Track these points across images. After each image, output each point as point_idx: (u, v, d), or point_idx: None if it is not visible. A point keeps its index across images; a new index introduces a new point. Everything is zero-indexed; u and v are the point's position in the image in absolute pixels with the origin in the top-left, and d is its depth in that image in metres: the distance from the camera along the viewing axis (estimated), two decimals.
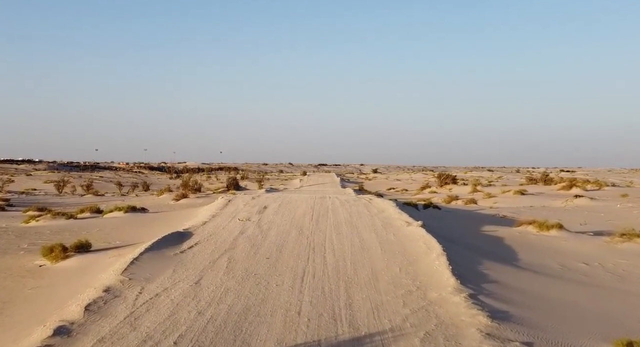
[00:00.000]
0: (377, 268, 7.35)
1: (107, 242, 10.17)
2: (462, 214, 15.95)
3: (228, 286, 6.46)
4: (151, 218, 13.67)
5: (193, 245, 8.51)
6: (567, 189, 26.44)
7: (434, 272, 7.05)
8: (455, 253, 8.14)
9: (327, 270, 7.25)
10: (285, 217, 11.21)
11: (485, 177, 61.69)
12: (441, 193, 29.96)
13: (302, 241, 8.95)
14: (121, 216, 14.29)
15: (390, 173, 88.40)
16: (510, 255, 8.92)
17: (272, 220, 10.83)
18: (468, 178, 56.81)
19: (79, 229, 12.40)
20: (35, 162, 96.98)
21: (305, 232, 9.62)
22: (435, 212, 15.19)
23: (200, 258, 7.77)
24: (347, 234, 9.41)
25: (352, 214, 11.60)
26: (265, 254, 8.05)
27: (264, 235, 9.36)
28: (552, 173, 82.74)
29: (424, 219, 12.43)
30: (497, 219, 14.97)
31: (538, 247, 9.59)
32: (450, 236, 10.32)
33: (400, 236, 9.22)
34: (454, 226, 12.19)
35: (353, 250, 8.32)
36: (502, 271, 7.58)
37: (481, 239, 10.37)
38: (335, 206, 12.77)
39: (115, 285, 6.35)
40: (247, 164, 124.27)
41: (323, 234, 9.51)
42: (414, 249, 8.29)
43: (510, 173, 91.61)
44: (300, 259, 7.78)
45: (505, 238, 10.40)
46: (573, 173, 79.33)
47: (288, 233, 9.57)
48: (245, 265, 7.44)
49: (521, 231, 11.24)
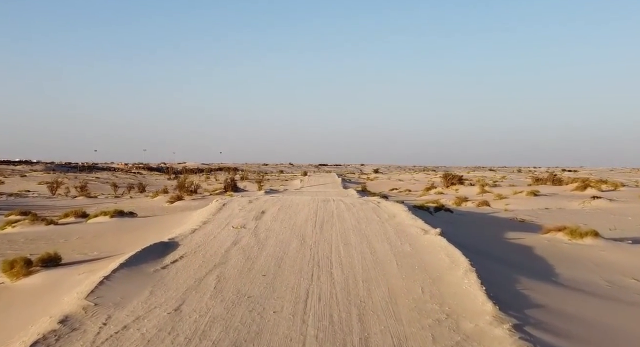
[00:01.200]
0: (395, 288, 6.15)
1: (83, 253, 8.99)
2: (476, 217, 14.75)
3: (215, 313, 5.26)
4: (138, 224, 12.47)
5: (177, 259, 7.30)
6: (581, 190, 25.23)
7: (464, 293, 5.84)
8: (484, 267, 6.94)
9: (334, 291, 6.05)
10: (285, 223, 10.01)
11: (488, 177, 60.45)
12: (448, 194, 28.75)
13: (305, 253, 7.75)
14: (106, 221, 13.10)
15: (392, 173, 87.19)
16: (546, 269, 7.72)
17: (271, 227, 9.63)
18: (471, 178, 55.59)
19: (57, 236, 11.22)
20: (33, 163, 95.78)
21: (308, 242, 8.42)
22: (448, 216, 13.99)
23: (185, 275, 6.57)
24: (356, 245, 8.21)
25: (360, 219, 10.40)
26: (262, 270, 6.85)
27: (261, 246, 8.16)
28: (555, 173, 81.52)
29: (438, 224, 11.24)
30: (515, 223, 13.77)
31: (575, 259, 8.39)
32: (472, 244, 9.12)
33: (418, 247, 8.02)
34: (472, 232, 11.00)
35: (364, 264, 7.12)
36: (544, 290, 6.38)
37: (507, 249, 9.17)
38: (341, 211, 11.57)
39: (76, 313, 5.15)
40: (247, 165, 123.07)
41: (328, 244, 8.31)
42: (435, 263, 7.09)
43: (511, 173, 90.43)
44: (302, 277, 6.58)
45: (535, 247, 9.20)
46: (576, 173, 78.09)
47: (288, 243, 8.37)
48: (238, 284, 6.24)
49: (550, 238, 10.05)
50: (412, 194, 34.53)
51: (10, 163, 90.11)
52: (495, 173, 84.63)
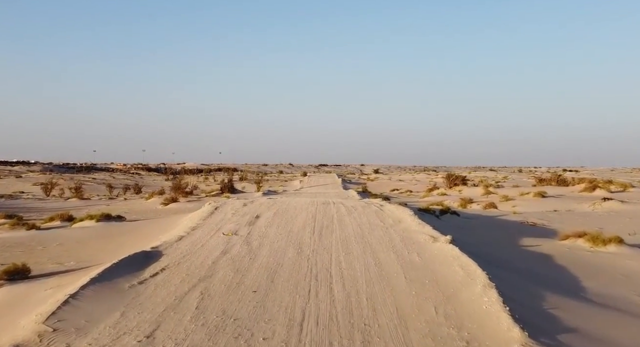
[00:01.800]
0: (404, 307, 5.36)
1: (58, 263, 8.19)
2: (485, 221, 13.95)
3: (194, 341, 4.46)
4: (125, 229, 11.67)
5: (158, 272, 6.50)
6: (589, 191, 24.40)
7: (484, 315, 5.05)
8: (503, 281, 6.14)
9: (335, 311, 5.25)
10: (281, 229, 9.21)
11: (490, 178, 59.60)
12: (452, 195, 27.93)
13: (302, 264, 6.96)
14: (92, 226, 12.30)
15: (392, 173, 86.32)
16: (571, 282, 6.92)
17: (265, 234, 8.83)
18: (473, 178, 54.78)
19: (36, 243, 10.42)
20: (30, 163, 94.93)
21: (306, 251, 7.62)
22: (456, 220, 13.18)
23: (164, 292, 5.77)
24: (358, 254, 7.41)
25: (362, 225, 9.60)
26: (252, 285, 6.05)
27: (253, 256, 7.36)
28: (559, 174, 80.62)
29: (446, 229, 10.44)
30: (527, 227, 12.97)
31: (600, 270, 7.59)
32: (485, 253, 8.32)
33: (427, 257, 7.22)
34: (483, 238, 10.20)
35: (368, 278, 6.33)
36: (575, 309, 5.58)
37: (525, 258, 8.37)
38: (341, 215, 10.76)
39: (29, 342, 4.36)
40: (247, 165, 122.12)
41: (328, 253, 7.51)
42: (448, 277, 6.29)
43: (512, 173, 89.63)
44: (298, 293, 5.78)
45: (555, 256, 8.40)
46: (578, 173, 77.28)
47: (284, 253, 7.57)
48: (224, 303, 5.44)
49: (570, 245, 9.26)
50: (413, 195, 33.73)
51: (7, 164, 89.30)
52: (497, 173, 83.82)
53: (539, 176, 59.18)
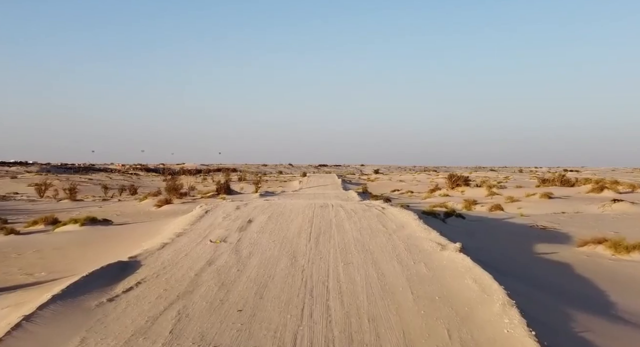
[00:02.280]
0: (412, 330, 4.62)
1: (28, 274, 7.45)
2: (492, 225, 13.20)
3: None
4: (109, 234, 10.93)
5: (133, 286, 5.76)
6: (597, 192, 23.66)
7: (506, 340, 4.31)
8: (524, 297, 5.40)
9: (332, 335, 4.51)
10: (275, 236, 8.46)
11: (491, 178, 58.84)
12: (454, 196, 27.20)
13: (296, 276, 6.21)
14: (75, 231, 11.56)
15: (392, 173, 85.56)
16: (597, 297, 6.18)
17: (256, 241, 8.08)
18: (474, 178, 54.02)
19: (12, 249, 9.68)
20: (28, 164, 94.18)
21: (300, 261, 6.88)
22: (462, 224, 12.43)
23: (136, 312, 5.03)
24: (359, 265, 6.67)
25: (362, 230, 8.86)
26: (238, 303, 5.31)
27: (242, 266, 6.61)
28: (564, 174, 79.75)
29: (454, 235, 9.70)
30: (537, 231, 12.23)
31: (627, 281, 6.86)
32: (498, 262, 7.59)
33: (436, 268, 6.48)
34: (494, 244, 9.47)
35: (370, 293, 5.59)
36: (608, 332, 4.84)
37: (542, 268, 7.63)
38: (340, 219, 10.02)
39: None
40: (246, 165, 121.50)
41: (325, 263, 6.77)
42: (461, 292, 5.55)
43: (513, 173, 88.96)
44: (290, 313, 5.04)
45: (574, 265, 7.67)
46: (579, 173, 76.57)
47: (276, 262, 6.83)
48: (203, 326, 4.70)
49: (589, 252, 8.53)
50: (415, 195, 33.00)
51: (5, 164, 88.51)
52: (498, 173, 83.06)
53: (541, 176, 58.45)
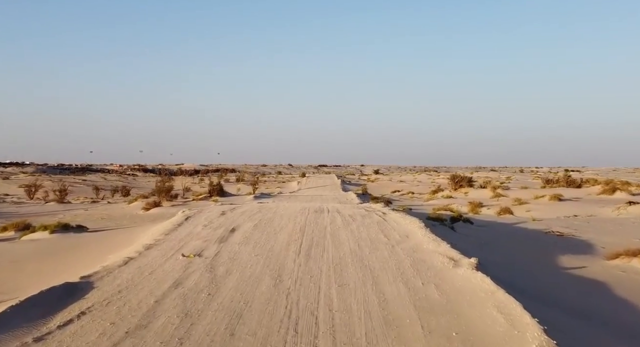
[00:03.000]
0: None
1: None
2: (504, 231, 12.07)
3: None
4: (78, 243, 9.80)
5: (74, 318, 4.63)
6: (609, 193, 22.53)
7: None
8: (566, 335, 4.27)
9: None
10: (259, 248, 7.32)
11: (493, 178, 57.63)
12: (458, 198, 26.06)
13: (279, 302, 5.08)
14: (43, 239, 10.44)
15: (392, 174, 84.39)
16: None
17: (237, 255, 6.94)
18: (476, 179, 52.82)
19: None
20: (24, 165, 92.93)
21: (286, 282, 5.74)
22: (472, 231, 11.28)
23: None
24: (356, 287, 5.53)
25: (361, 241, 7.72)
26: (202, 341, 4.18)
27: (214, 289, 5.47)
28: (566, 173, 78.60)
29: (465, 245, 8.58)
30: (554, 239, 11.11)
31: None
32: (521, 280, 6.45)
33: (449, 291, 5.35)
34: (511, 256, 8.33)
35: (370, 329, 4.45)
36: None
37: (574, 288, 6.49)
38: (336, 227, 8.88)
39: None
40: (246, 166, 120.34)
41: (316, 285, 5.63)
42: (484, 327, 4.41)
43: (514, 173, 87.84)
44: None
45: (611, 284, 6.54)
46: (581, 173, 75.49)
47: (257, 284, 5.69)
48: None
49: (624, 267, 7.40)
50: (416, 197, 31.87)
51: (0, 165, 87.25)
52: (499, 174, 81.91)
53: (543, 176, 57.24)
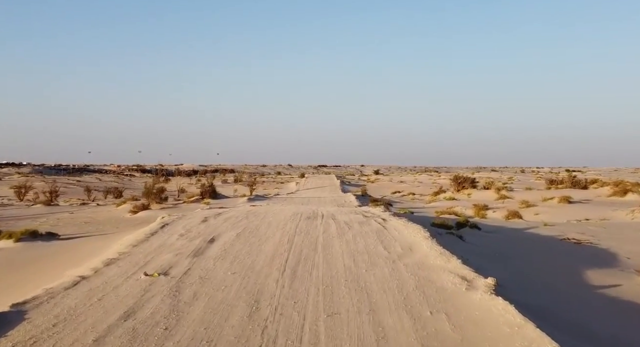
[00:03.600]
0: None
1: None
2: (516, 238, 11.04)
3: None
4: (42, 254, 8.77)
5: None
6: (620, 195, 21.50)
7: None
8: None
9: None
10: (238, 264, 6.27)
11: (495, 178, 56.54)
12: (461, 200, 25.01)
13: (251, 341, 4.03)
14: (5, 248, 9.40)
15: (393, 174, 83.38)
16: None
17: (210, 273, 5.89)
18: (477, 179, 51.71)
19: None
20: (20, 165, 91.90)
21: (264, 311, 4.69)
22: (481, 239, 10.23)
23: None
24: (350, 317, 4.49)
25: (357, 254, 6.68)
26: None
27: (174, 322, 4.43)
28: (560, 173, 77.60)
29: (474, 256, 7.56)
30: (571, 247, 10.08)
31: None
32: (549, 305, 5.42)
33: (464, 323, 4.31)
34: (531, 271, 7.27)
35: None
36: None
37: (614, 316, 5.45)
38: (330, 236, 7.84)
39: None
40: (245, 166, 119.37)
41: (300, 314, 4.58)
42: None
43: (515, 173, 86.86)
44: None
45: None
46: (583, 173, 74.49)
47: (227, 313, 4.64)
48: None
49: None
50: (417, 198, 30.84)
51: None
52: (501, 174, 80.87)
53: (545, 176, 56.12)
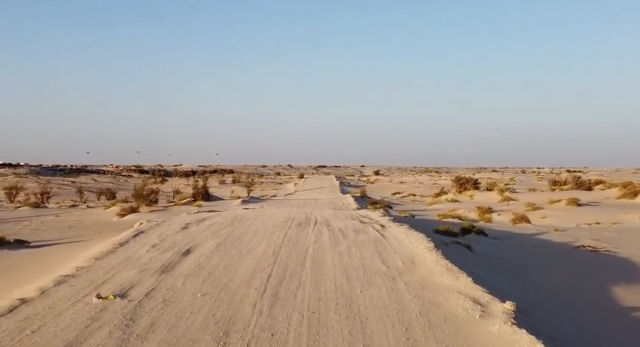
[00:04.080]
0: None
1: None
2: (526, 246, 10.16)
3: None
4: (3, 265, 7.88)
5: None
6: (630, 197, 20.62)
7: None
8: None
9: None
10: (211, 283, 5.37)
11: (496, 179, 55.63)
12: (464, 202, 24.12)
13: None
14: None
15: (393, 175, 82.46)
16: None
17: (176, 295, 4.98)
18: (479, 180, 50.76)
19: None
20: (17, 166, 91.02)
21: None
22: (490, 247, 9.33)
23: None
24: None
25: (351, 270, 5.79)
26: None
27: None
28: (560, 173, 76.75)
29: (485, 270, 6.69)
30: (588, 255, 9.21)
31: None
32: (581, 335, 4.56)
33: None
34: (553, 288, 6.37)
35: None
36: None
37: None
38: (321, 247, 6.95)
39: None
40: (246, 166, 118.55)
41: None
42: None
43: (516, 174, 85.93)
44: None
45: None
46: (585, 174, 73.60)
47: None
48: None
49: None
50: (418, 200, 29.96)
51: None
52: (502, 175, 79.97)
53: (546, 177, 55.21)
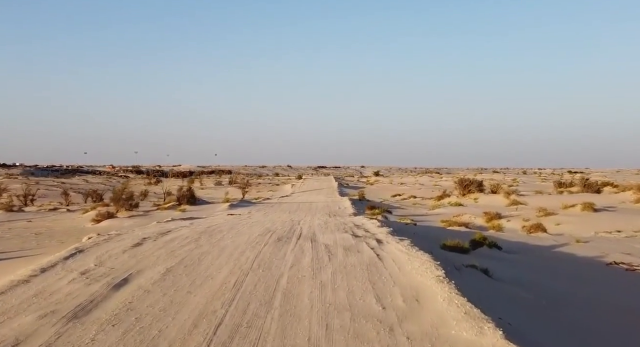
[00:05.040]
0: None
1: None
2: (548, 262, 8.64)
3: None
4: None
5: None
6: None
7: None
8: None
9: None
10: (134, 337, 3.80)
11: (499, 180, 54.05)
12: (468, 205, 22.60)
13: None
14: None
15: (393, 176, 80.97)
16: None
17: None
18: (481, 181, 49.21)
19: None
20: (10, 166, 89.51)
21: None
22: (508, 267, 7.81)
23: None
24: None
25: (334, 313, 4.27)
26: None
27: None
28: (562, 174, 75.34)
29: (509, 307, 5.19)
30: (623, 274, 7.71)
31: None
32: None
33: None
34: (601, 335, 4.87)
35: None
36: None
37: None
38: (300, 275, 5.43)
39: None
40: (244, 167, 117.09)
41: None
42: None
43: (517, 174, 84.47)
44: None
45: None
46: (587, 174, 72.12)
47: None
48: None
49: None
50: (419, 203, 28.45)
51: None
52: (504, 176, 78.44)
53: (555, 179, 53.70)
